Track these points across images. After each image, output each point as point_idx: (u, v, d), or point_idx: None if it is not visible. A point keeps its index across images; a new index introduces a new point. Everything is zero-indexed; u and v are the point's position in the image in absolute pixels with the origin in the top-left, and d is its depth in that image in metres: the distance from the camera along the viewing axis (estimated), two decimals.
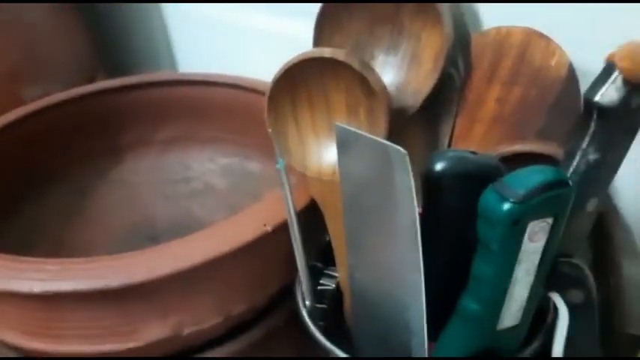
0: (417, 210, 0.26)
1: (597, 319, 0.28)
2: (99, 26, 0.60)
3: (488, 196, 0.24)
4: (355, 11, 0.34)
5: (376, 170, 0.27)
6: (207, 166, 0.51)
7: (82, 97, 0.47)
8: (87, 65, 0.55)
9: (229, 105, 0.50)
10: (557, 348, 0.27)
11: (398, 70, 0.35)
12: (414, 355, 0.29)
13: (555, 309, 0.28)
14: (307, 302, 0.32)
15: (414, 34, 0.34)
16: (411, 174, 0.26)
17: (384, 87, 0.31)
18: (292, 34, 0.49)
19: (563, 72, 0.33)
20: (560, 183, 0.24)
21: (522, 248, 0.24)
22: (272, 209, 0.33)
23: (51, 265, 0.30)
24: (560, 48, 0.33)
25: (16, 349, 0.34)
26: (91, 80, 0.54)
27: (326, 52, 0.31)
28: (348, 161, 0.29)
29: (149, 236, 0.46)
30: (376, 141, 0.27)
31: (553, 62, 0.33)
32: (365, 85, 0.30)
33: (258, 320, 0.34)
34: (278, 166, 0.30)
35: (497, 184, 0.24)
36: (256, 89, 0.47)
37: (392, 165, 0.26)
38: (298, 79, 0.32)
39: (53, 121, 0.46)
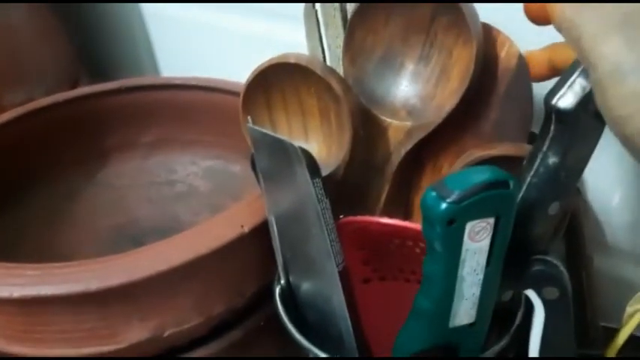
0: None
1: (572, 315, 0.28)
2: (80, 31, 0.61)
3: (427, 196, 0.24)
4: (392, 15, 0.33)
5: (282, 166, 0.29)
6: (191, 168, 0.52)
7: (66, 102, 0.47)
8: (69, 70, 0.55)
9: (210, 108, 0.50)
10: (534, 345, 0.28)
11: (426, 83, 0.34)
12: (346, 343, 0.29)
13: (528, 307, 0.28)
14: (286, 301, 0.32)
15: (445, 48, 0.33)
16: (304, 166, 0.27)
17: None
18: (273, 37, 0.50)
19: (513, 62, 0.32)
20: (500, 183, 0.23)
21: (464, 247, 0.24)
22: (250, 210, 0.34)
23: (30, 269, 0.30)
24: (509, 39, 0.33)
25: None
26: (74, 85, 0.54)
27: (291, 57, 0.31)
28: (262, 160, 0.30)
29: (133, 239, 0.47)
30: (275, 138, 0.28)
31: (503, 53, 0.33)
32: (331, 90, 0.31)
33: (239, 320, 0.35)
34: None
35: (437, 184, 0.24)
36: (237, 92, 0.47)
37: (291, 159, 0.27)
38: (273, 84, 0.33)
39: (37, 126, 0.46)
